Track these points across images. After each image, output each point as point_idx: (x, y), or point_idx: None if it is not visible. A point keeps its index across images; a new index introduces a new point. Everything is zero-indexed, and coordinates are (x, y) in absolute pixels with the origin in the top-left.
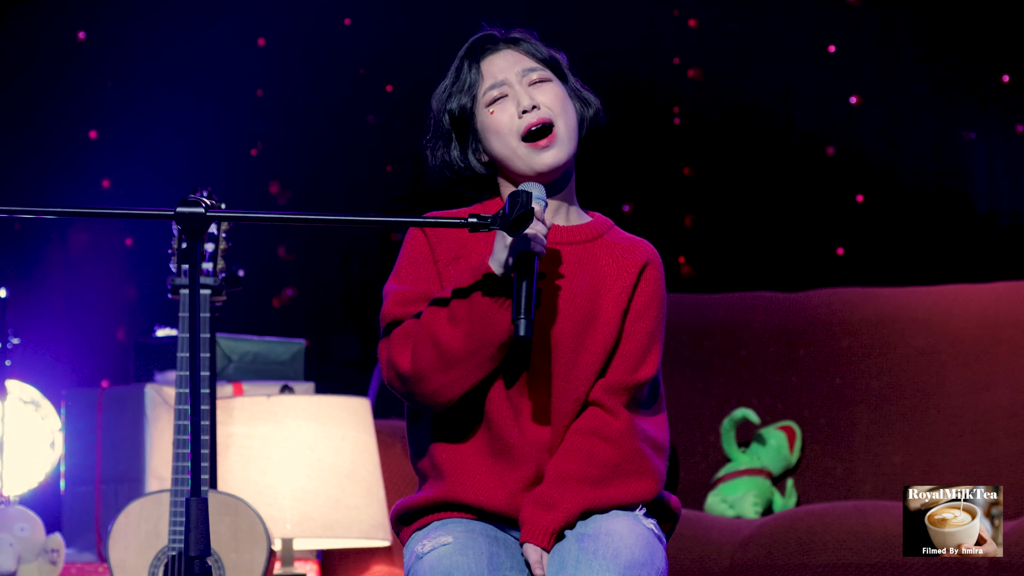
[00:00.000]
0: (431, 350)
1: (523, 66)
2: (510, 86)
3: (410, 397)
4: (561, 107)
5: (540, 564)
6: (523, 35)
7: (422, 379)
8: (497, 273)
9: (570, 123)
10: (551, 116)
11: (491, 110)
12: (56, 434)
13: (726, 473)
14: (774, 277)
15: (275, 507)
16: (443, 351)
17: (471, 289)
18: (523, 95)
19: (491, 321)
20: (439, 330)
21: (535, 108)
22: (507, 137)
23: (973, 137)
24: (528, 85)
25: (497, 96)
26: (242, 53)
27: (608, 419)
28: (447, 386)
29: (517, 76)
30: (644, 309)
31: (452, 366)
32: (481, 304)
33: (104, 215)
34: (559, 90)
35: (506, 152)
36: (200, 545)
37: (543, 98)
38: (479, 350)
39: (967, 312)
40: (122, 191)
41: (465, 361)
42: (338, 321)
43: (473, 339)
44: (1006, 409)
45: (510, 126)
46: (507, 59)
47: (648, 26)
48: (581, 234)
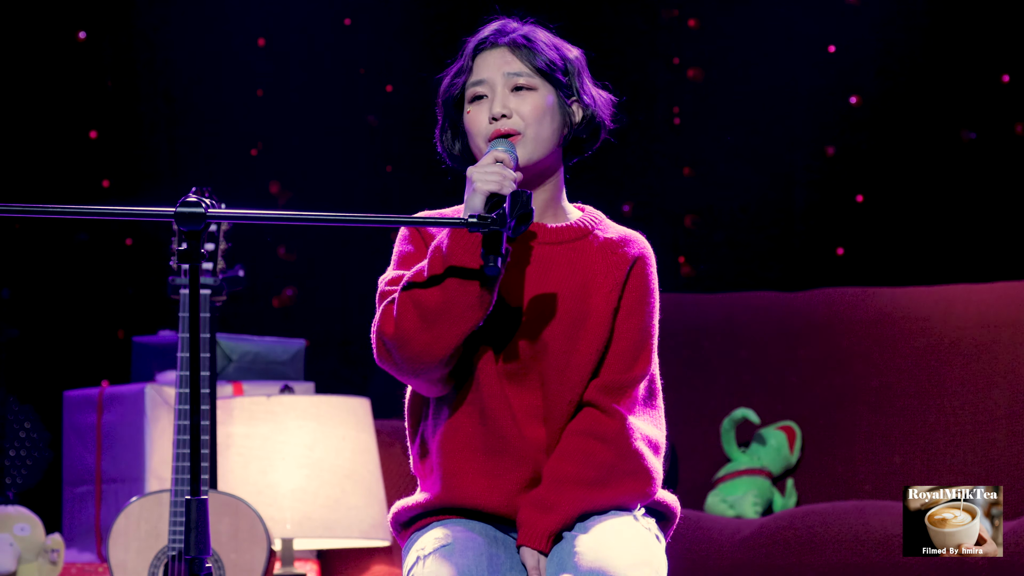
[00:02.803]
0: (412, 310)
1: (511, 69)
2: (492, 88)
3: (400, 366)
4: (536, 117)
5: (537, 569)
6: (528, 34)
7: (406, 340)
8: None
9: (543, 132)
10: (520, 127)
11: (468, 109)
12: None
13: (726, 473)
14: (774, 277)
15: (275, 507)
16: (422, 307)
17: (444, 245)
18: (498, 101)
19: (464, 268)
20: (416, 290)
21: (504, 117)
22: (477, 138)
23: (973, 137)
24: (511, 90)
25: (479, 94)
26: (242, 53)
27: (603, 419)
28: (431, 344)
29: (502, 78)
30: (635, 306)
31: (433, 322)
32: (455, 255)
33: (104, 215)
34: (541, 101)
35: (475, 151)
36: (200, 545)
37: (520, 106)
38: (456, 299)
39: (967, 312)
40: (122, 191)
41: (445, 313)
42: (338, 321)
43: (448, 289)
44: (1006, 409)
45: (479, 128)
46: (499, 59)
47: (648, 26)
48: (569, 233)
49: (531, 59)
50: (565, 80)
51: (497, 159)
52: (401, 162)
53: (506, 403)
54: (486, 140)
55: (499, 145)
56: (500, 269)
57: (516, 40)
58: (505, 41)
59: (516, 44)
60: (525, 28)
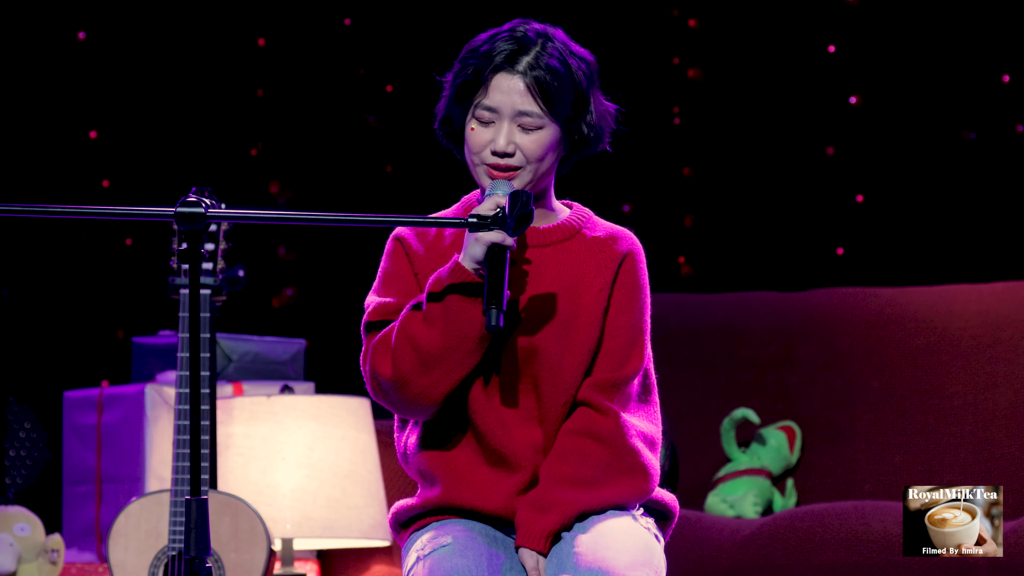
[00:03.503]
0: (410, 353)
1: (522, 108)
2: (500, 117)
3: (396, 405)
4: (539, 156)
5: (536, 570)
6: (546, 59)
7: (405, 383)
8: (469, 269)
9: (542, 168)
10: (522, 163)
11: (472, 126)
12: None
13: (726, 473)
14: (774, 277)
15: (275, 507)
16: (422, 352)
17: (445, 289)
18: (503, 136)
19: (466, 316)
20: (416, 332)
21: (507, 156)
22: (474, 156)
23: (973, 137)
24: (518, 125)
25: (485, 119)
26: (242, 53)
27: (598, 418)
28: (430, 387)
29: (511, 113)
30: (626, 302)
31: (432, 366)
32: (455, 301)
33: (104, 215)
34: (545, 139)
35: (468, 162)
36: (200, 545)
37: (524, 143)
38: (457, 346)
39: (967, 312)
40: (122, 191)
41: (444, 359)
42: (338, 321)
43: (449, 336)
44: (1006, 409)
45: (480, 150)
46: (514, 90)
47: (648, 26)
48: (557, 234)
49: (543, 94)
50: (573, 111)
51: (498, 205)
52: (401, 162)
53: (495, 411)
54: (483, 162)
55: (499, 188)
56: (501, 326)
57: (533, 66)
58: (522, 68)
59: (532, 70)
60: (547, 52)
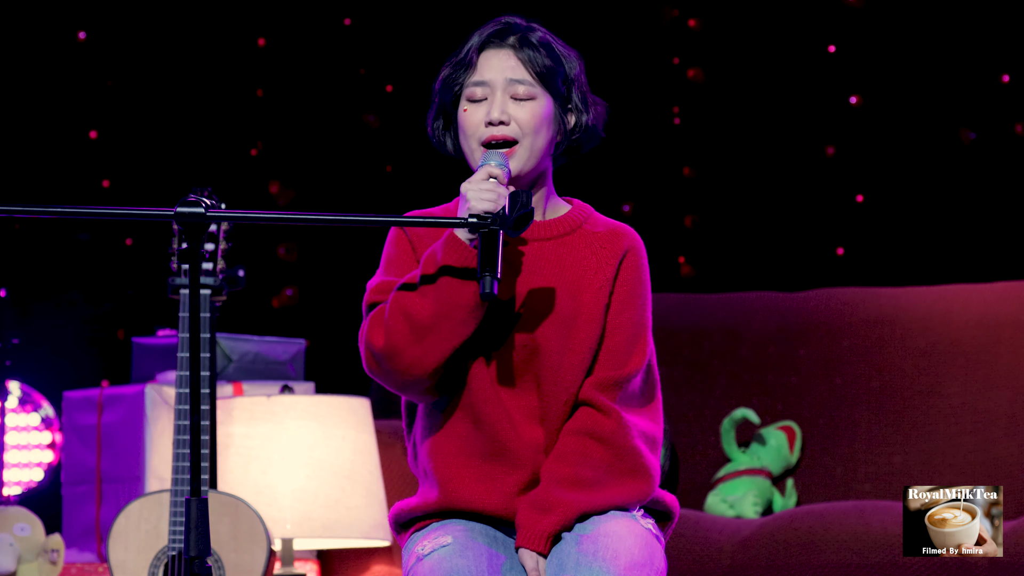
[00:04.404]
0: (402, 322)
1: (514, 75)
2: (492, 90)
3: (389, 376)
4: (534, 127)
5: (537, 571)
6: (534, 37)
7: (396, 353)
8: (463, 240)
9: (538, 143)
10: (518, 135)
11: (464, 108)
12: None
13: (726, 473)
14: (774, 277)
15: (275, 507)
16: (414, 320)
17: (438, 260)
18: (497, 106)
19: (458, 284)
20: (408, 302)
21: (502, 124)
22: (470, 139)
23: (973, 137)
24: (510, 96)
25: (477, 96)
26: (242, 53)
27: (600, 418)
28: (422, 357)
29: (503, 83)
30: (627, 299)
31: (424, 335)
32: (448, 270)
33: (104, 215)
34: (540, 110)
35: (466, 150)
36: (200, 545)
37: (519, 114)
38: (449, 314)
39: (967, 312)
40: (122, 191)
41: (436, 328)
42: (338, 321)
43: (441, 304)
44: (1006, 409)
45: (475, 130)
46: (502, 61)
47: (648, 26)
48: (558, 228)
49: (534, 66)
50: (564, 89)
51: (491, 175)
52: (401, 162)
53: (501, 406)
54: (479, 142)
55: (492, 159)
56: (495, 294)
57: (521, 42)
58: (511, 42)
59: (521, 46)
60: (531, 32)
